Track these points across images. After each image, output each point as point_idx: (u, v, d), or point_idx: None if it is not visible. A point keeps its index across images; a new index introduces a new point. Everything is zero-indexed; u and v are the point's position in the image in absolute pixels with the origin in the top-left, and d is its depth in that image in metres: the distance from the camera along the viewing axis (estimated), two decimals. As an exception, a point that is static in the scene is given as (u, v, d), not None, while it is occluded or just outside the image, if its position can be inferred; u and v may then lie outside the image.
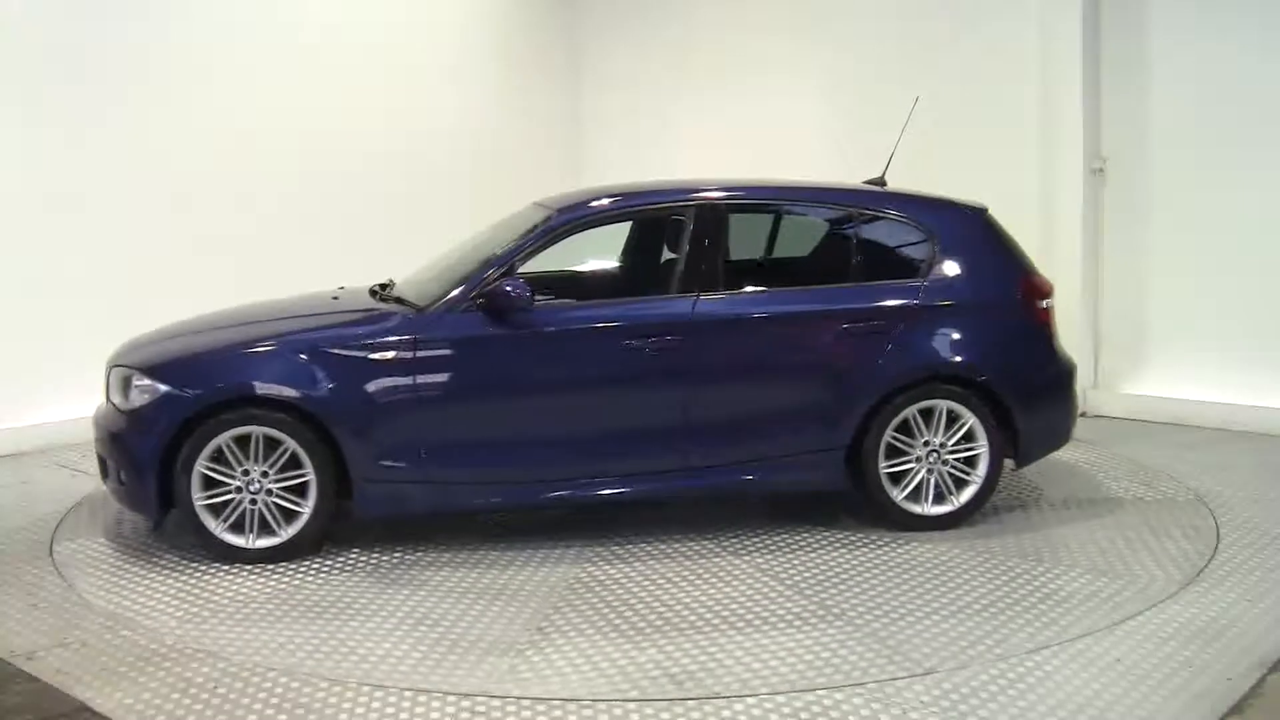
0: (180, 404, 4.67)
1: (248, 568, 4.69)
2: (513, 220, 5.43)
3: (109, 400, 5.04)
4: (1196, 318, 7.22)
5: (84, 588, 4.51)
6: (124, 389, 4.87)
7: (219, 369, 4.79)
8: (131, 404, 4.81)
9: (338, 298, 5.48)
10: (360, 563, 4.79)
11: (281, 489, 4.73)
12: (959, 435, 5.06)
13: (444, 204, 8.91)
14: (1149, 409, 7.36)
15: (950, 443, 5.06)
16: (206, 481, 4.68)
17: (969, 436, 5.06)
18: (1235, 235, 6.98)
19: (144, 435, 4.70)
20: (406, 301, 5.04)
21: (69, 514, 5.54)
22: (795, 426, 5.01)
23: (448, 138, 9.24)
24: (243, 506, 4.72)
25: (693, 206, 5.12)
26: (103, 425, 4.98)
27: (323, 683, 3.62)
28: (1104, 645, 3.84)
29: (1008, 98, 7.65)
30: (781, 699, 3.47)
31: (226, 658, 3.81)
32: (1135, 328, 7.50)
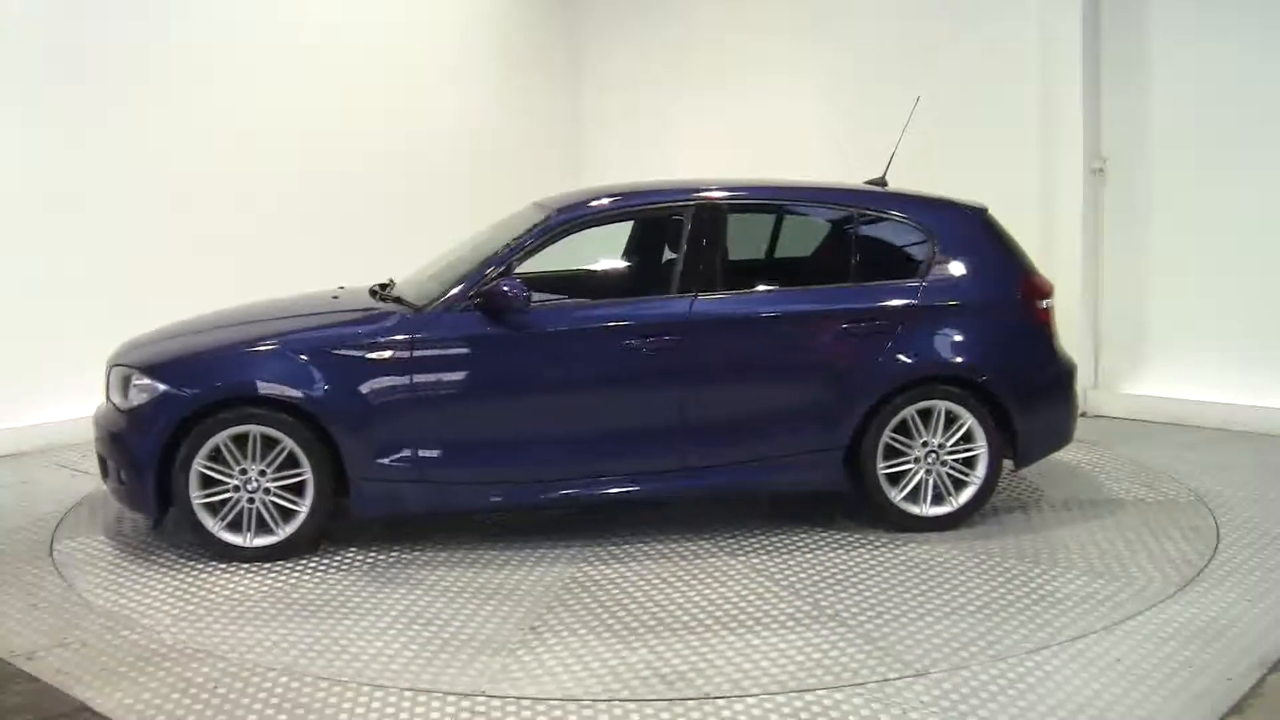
0: (178, 403, 4.68)
1: (245, 566, 4.70)
2: (512, 220, 5.43)
3: (109, 399, 5.05)
4: (1196, 318, 7.22)
5: (84, 588, 4.52)
6: (123, 388, 4.88)
7: (217, 368, 4.80)
8: (131, 403, 4.82)
9: (337, 297, 5.48)
10: (357, 561, 4.79)
11: (279, 488, 4.74)
12: (958, 436, 5.05)
13: (444, 204, 8.91)
14: (1149, 409, 7.36)
15: (949, 443, 5.05)
16: (205, 480, 4.69)
17: (968, 437, 5.06)
18: (1235, 235, 6.98)
19: (143, 434, 4.71)
20: (405, 301, 5.04)
21: (69, 514, 5.54)
22: (793, 426, 5.01)
23: (448, 138, 9.23)
24: (240, 505, 4.73)
25: (691, 206, 5.11)
26: (103, 424, 4.99)
27: (322, 682, 3.62)
28: (1104, 645, 3.84)
29: (1008, 98, 7.65)
30: (780, 699, 3.47)
31: (225, 657, 3.81)
32: (1135, 328, 7.50)
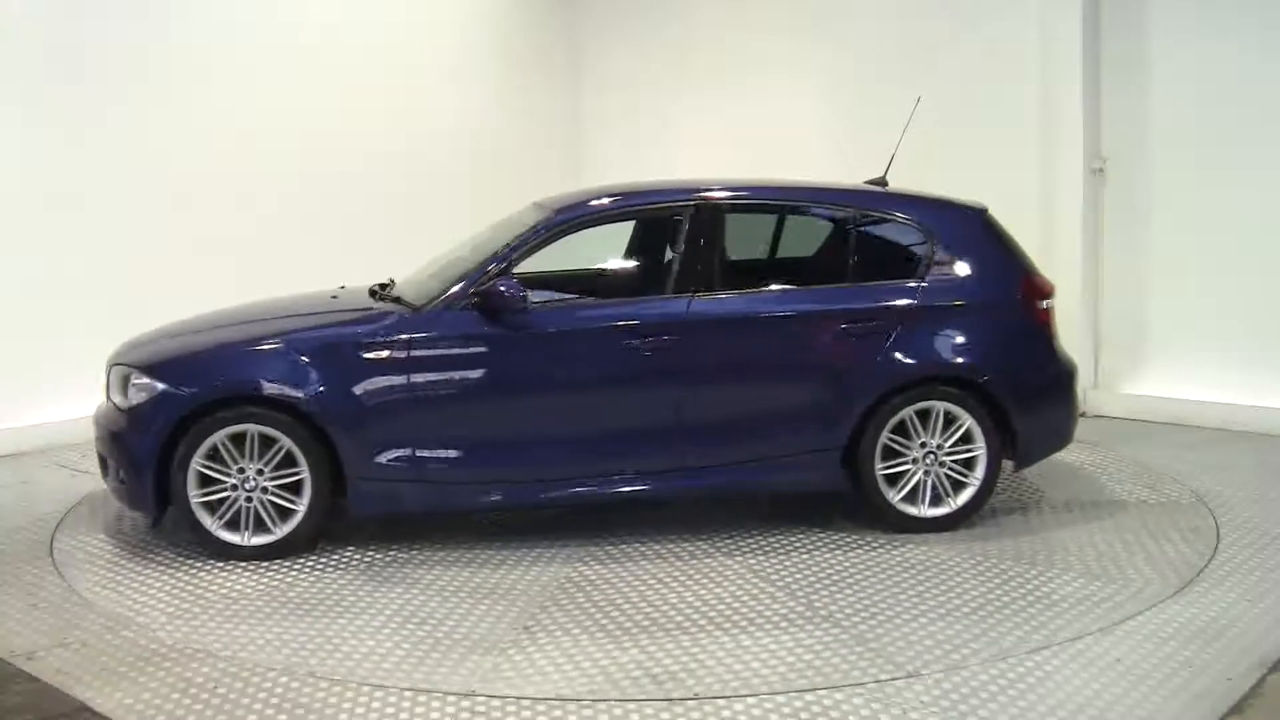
0: (177, 402, 4.69)
1: (242, 565, 4.71)
2: (512, 220, 5.43)
3: (109, 399, 5.06)
4: (1196, 318, 7.22)
5: (84, 587, 4.52)
6: (123, 387, 4.89)
7: (215, 367, 4.81)
8: (130, 402, 4.83)
9: (336, 297, 5.49)
10: (354, 560, 4.79)
11: (277, 487, 4.75)
12: (956, 437, 5.04)
13: (444, 204, 8.91)
14: (1149, 409, 7.36)
15: (947, 444, 5.04)
16: (203, 479, 4.70)
17: (966, 438, 5.04)
18: (1235, 235, 6.98)
19: (141, 433, 4.72)
20: (403, 301, 5.04)
21: (69, 514, 5.54)
22: (791, 427, 5.00)
23: (448, 138, 9.23)
24: (238, 504, 4.73)
25: (690, 206, 5.10)
26: (103, 424, 5.00)
27: (322, 682, 3.62)
28: (1103, 645, 3.83)
29: (1008, 98, 7.65)
30: (772, 699, 3.47)
31: (224, 657, 3.81)
32: (1135, 328, 7.50)
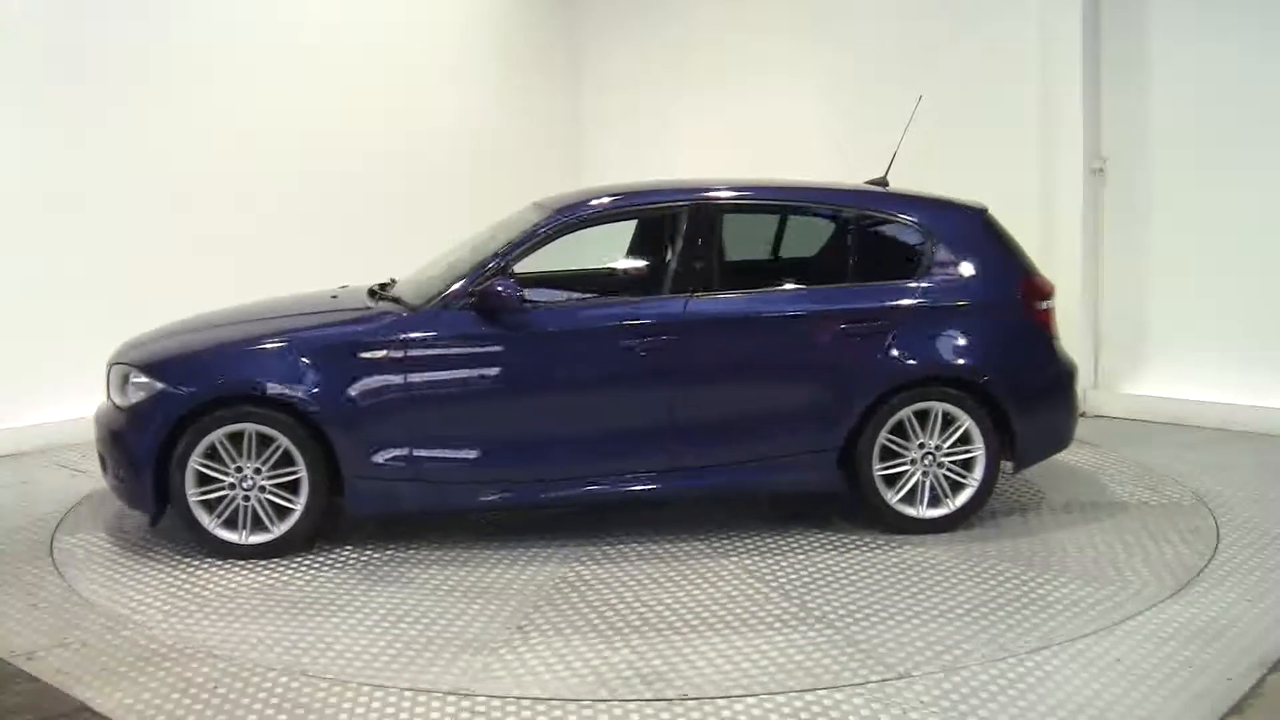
0: (176, 401, 4.71)
1: (239, 563, 4.72)
2: (511, 220, 5.43)
3: (109, 398, 5.07)
4: (1196, 318, 7.22)
5: (84, 587, 4.52)
6: (122, 386, 4.91)
7: (213, 366, 4.82)
8: (129, 401, 4.84)
9: (336, 296, 5.49)
10: (351, 559, 4.80)
11: (275, 486, 4.75)
12: (955, 438, 5.02)
13: (444, 204, 8.91)
14: (1149, 409, 7.35)
15: (946, 445, 5.02)
16: (201, 478, 4.71)
17: (965, 439, 5.03)
18: (1235, 235, 6.98)
19: (140, 432, 4.74)
20: (402, 301, 5.04)
21: (69, 514, 5.54)
22: (789, 427, 4.99)
23: (448, 138, 9.23)
24: (236, 503, 4.74)
25: (689, 206, 5.10)
26: (102, 422, 5.01)
27: (322, 682, 3.62)
28: (1104, 646, 3.83)
29: (1008, 98, 7.65)
30: (776, 699, 3.47)
31: (225, 657, 3.81)
32: (1135, 328, 7.50)
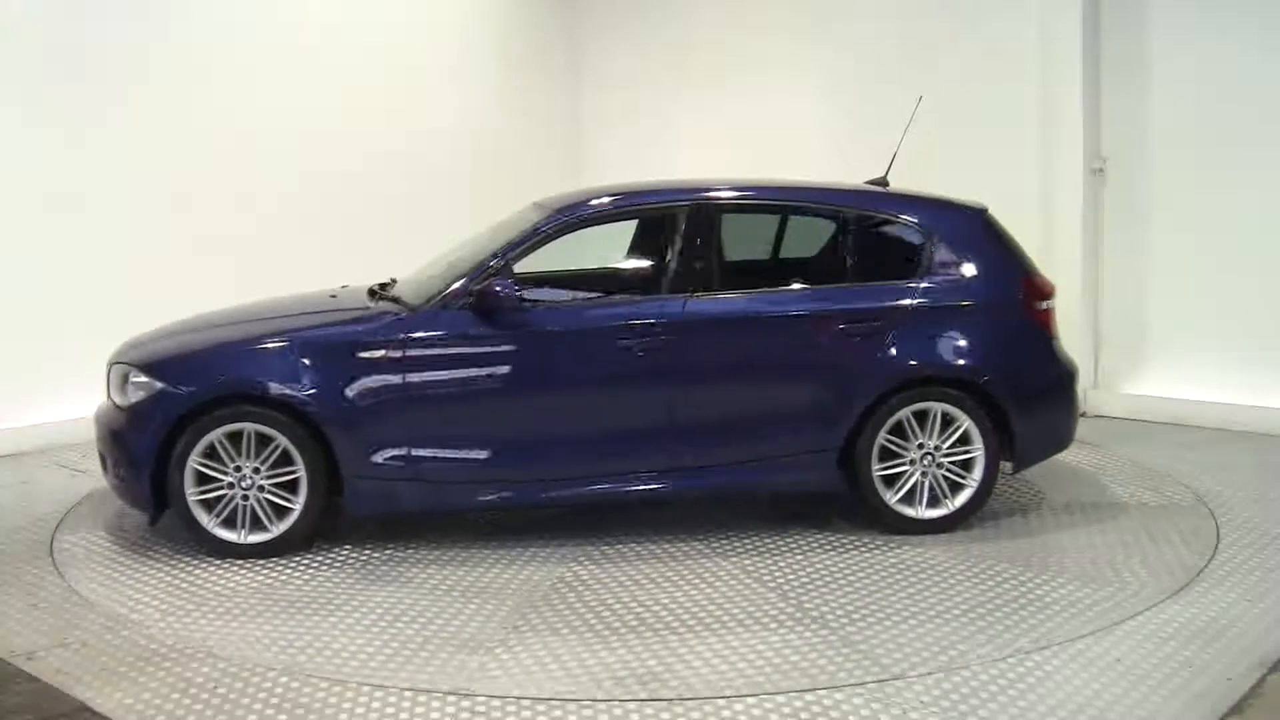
0: (175, 400, 4.71)
1: (238, 563, 4.73)
2: (511, 220, 5.43)
3: (109, 397, 5.08)
4: (1196, 318, 7.22)
5: (84, 587, 4.51)
6: (122, 386, 4.92)
7: (212, 366, 4.83)
8: (129, 400, 4.85)
9: (336, 296, 5.49)
10: (349, 559, 4.80)
11: (273, 485, 4.76)
12: (954, 438, 5.02)
13: (444, 204, 8.91)
14: (1149, 409, 7.36)
15: (945, 446, 5.02)
16: (200, 477, 4.72)
17: (964, 439, 5.02)
18: (1235, 235, 6.98)
19: (140, 431, 4.75)
20: (401, 301, 5.05)
21: (69, 514, 5.54)
22: (788, 427, 4.98)
23: (448, 138, 9.23)
24: (235, 502, 4.75)
25: (688, 206, 5.09)
26: (103, 422, 5.02)
27: (322, 682, 3.62)
28: (1103, 646, 3.83)
29: (1008, 98, 7.65)
30: (780, 699, 3.47)
31: (225, 657, 3.81)
32: (1135, 328, 7.50)
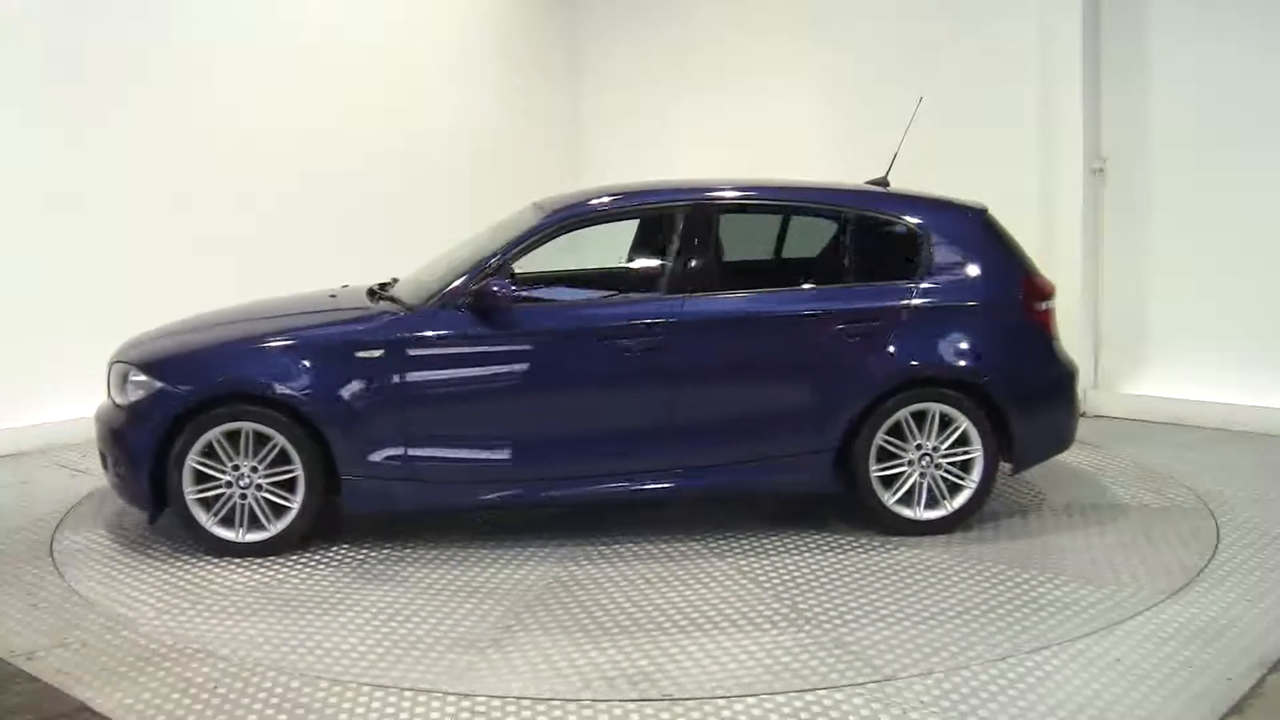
0: (173, 399, 4.72)
1: (237, 561, 4.74)
2: (510, 220, 5.44)
3: (109, 396, 5.09)
4: (1196, 318, 7.22)
5: (84, 587, 4.51)
6: (122, 385, 4.93)
7: (211, 365, 4.84)
8: (128, 399, 4.87)
9: (335, 296, 5.50)
10: (347, 558, 4.81)
11: (271, 484, 4.77)
12: (953, 439, 5.00)
13: (444, 204, 8.91)
14: (1149, 409, 7.36)
15: (943, 446, 5.00)
16: (198, 476, 4.73)
17: (963, 440, 5.01)
18: (1235, 235, 6.98)
19: (139, 430, 4.76)
20: (400, 301, 5.05)
21: (69, 514, 5.54)
22: (786, 427, 4.97)
23: (448, 138, 9.23)
24: (233, 501, 4.76)
25: (686, 206, 5.09)
26: (103, 421, 5.03)
27: (323, 682, 3.62)
28: (1104, 646, 3.83)
29: (1008, 98, 7.65)
30: (781, 700, 3.47)
31: (225, 657, 3.81)
32: (1135, 328, 7.50)
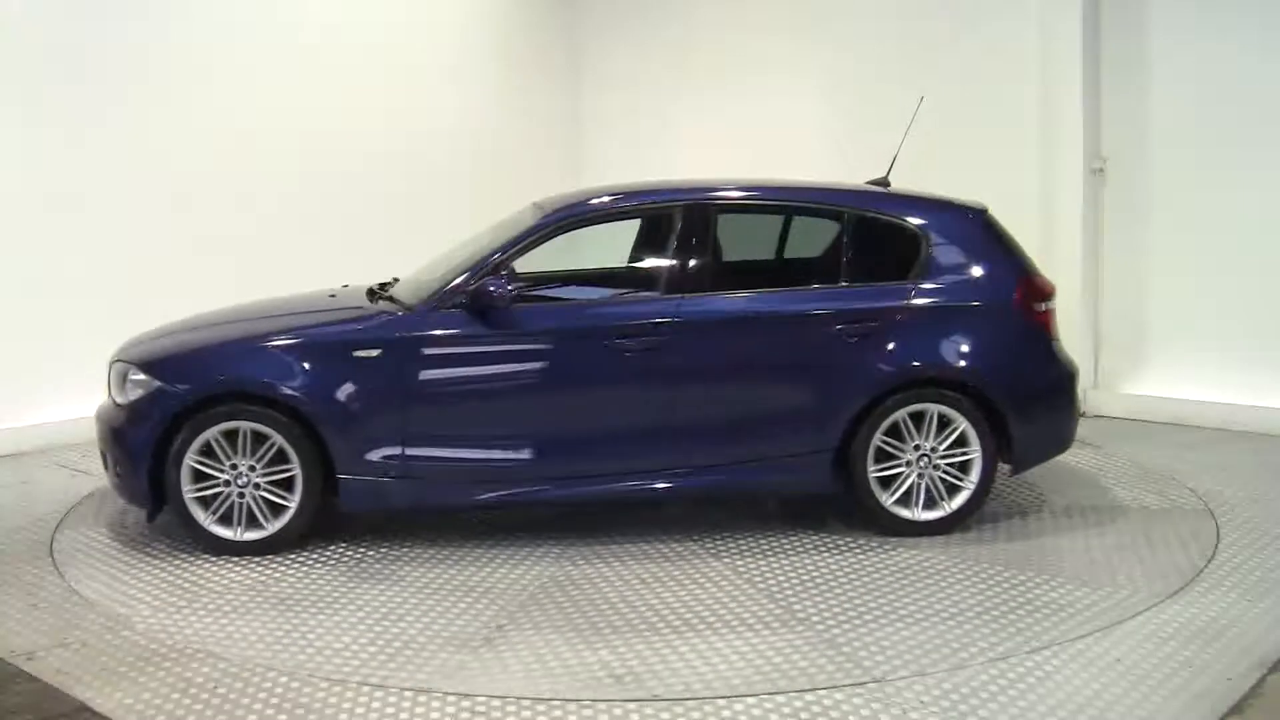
0: (172, 398, 4.74)
1: (235, 560, 4.75)
2: (510, 220, 5.44)
3: (110, 395, 5.10)
4: (1196, 318, 7.22)
5: (84, 587, 4.51)
6: (122, 384, 4.94)
7: (209, 364, 4.86)
8: (128, 398, 4.88)
9: (335, 295, 5.50)
10: (344, 556, 4.82)
11: (269, 483, 4.78)
12: (950, 440, 4.99)
13: (444, 204, 8.91)
14: (1149, 409, 7.36)
15: (941, 447, 4.99)
16: (196, 475, 4.74)
17: (961, 441, 4.99)
18: (1235, 235, 6.98)
19: (137, 428, 4.78)
20: (398, 300, 5.06)
21: (69, 514, 5.54)
22: (783, 427, 4.96)
23: (448, 138, 9.23)
24: (231, 500, 4.77)
25: (685, 206, 5.09)
26: (103, 420, 5.04)
27: (322, 682, 3.62)
28: (1104, 646, 3.83)
29: (1008, 98, 7.65)
30: (781, 699, 3.47)
31: (226, 657, 3.81)
32: (1135, 328, 7.50)
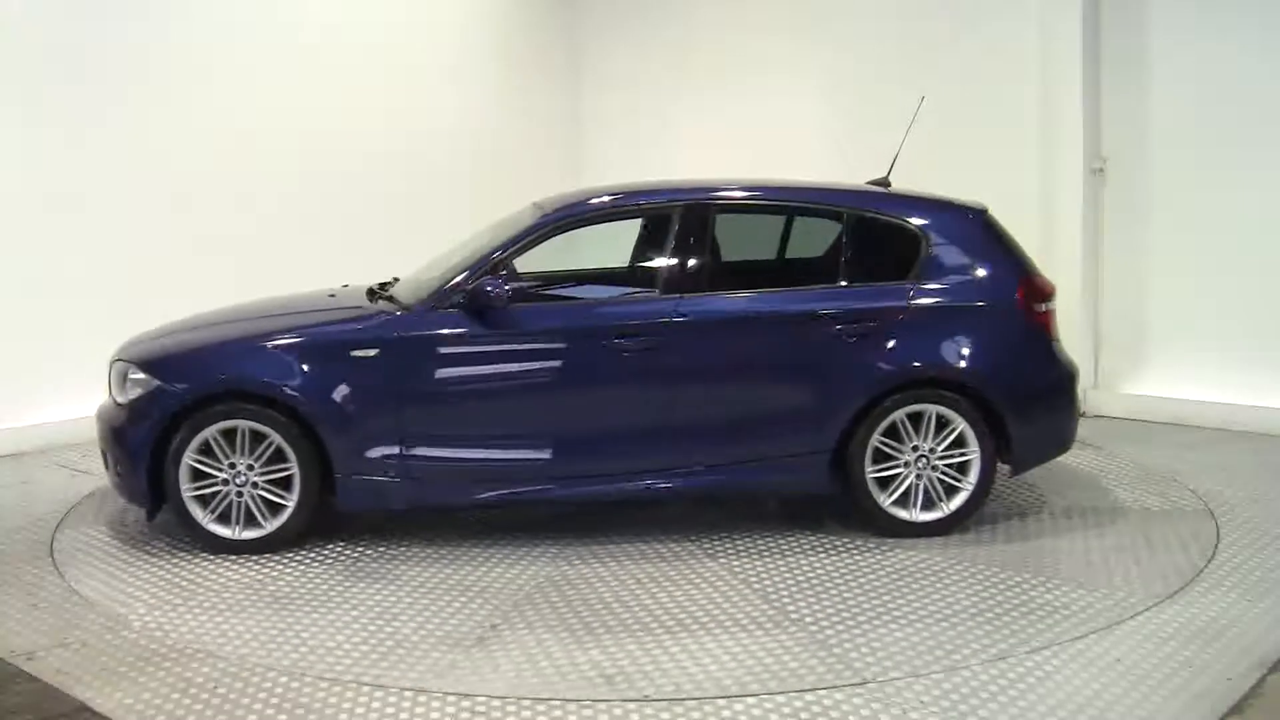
0: (171, 397, 4.75)
1: (232, 558, 4.77)
2: (509, 220, 5.43)
3: (110, 394, 5.11)
4: (1196, 318, 7.22)
5: (84, 587, 4.51)
6: (122, 383, 4.96)
7: (208, 364, 4.87)
8: (127, 397, 4.90)
9: (334, 295, 5.51)
10: (341, 556, 4.83)
11: (267, 482, 4.79)
12: (949, 441, 4.98)
13: (444, 204, 8.91)
14: (1149, 409, 7.36)
15: (940, 448, 4.98)
16: (195, 474, 4.76)
17: (960, 442, 4.98)
18: (1235, 235, 6.98)
19: (137, 427, 4.79)
20: (396, 300, 5.06)
21: (69, 514, 5.54)
22: (779, 428, 4.96)
23: (448, 138, 9.23)
24: (229, 498, 4.78)
25: (683, 206, 5.09)
26: (104, 419, 5.06)
27: (322, 682, 3.62)
28: (1104, 646, 3.83)
29: (1008, 98, 7.65)
30: (780, 700, 3.47)
31: (226, 657, 3.82)
32: (1135, 328, 7.50)
